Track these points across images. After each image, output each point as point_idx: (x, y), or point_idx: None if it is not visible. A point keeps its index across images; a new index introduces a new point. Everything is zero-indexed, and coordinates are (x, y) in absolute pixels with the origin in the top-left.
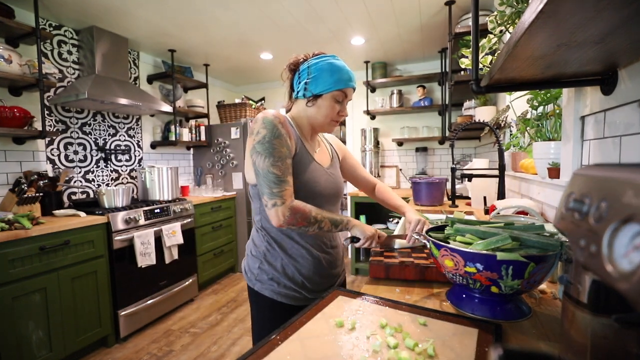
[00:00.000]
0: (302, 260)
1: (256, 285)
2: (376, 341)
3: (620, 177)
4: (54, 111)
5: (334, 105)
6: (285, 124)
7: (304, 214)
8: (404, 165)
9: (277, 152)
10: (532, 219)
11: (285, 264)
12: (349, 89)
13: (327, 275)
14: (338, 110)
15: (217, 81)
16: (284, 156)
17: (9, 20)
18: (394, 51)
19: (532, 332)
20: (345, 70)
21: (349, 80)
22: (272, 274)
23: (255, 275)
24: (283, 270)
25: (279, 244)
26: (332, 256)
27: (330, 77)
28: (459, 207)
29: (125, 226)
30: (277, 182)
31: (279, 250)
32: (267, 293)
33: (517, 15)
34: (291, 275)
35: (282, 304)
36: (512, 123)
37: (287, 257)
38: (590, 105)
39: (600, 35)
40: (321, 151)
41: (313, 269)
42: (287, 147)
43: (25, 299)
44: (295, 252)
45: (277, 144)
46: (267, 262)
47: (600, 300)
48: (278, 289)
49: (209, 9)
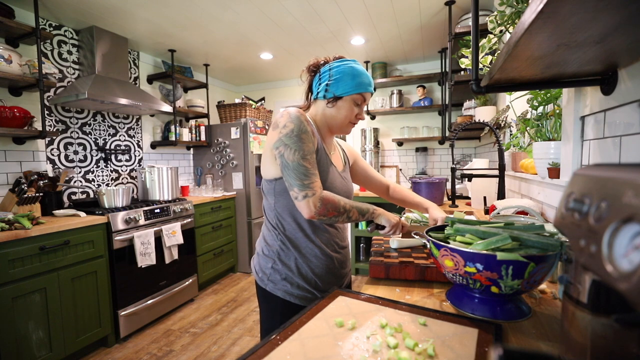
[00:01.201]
0: (316, 260)
1: (268, 285)
2: (376, 341)
3: (620, 177)
4: (54, 111)
5: (353, 108)
6: (309, 121)
7: (334, 203)
8: (404, 165)
9: (306, 146)
10: (532, 219)
11: (300, 263)
12: (367, 94)
13: (338, 275)
14: (356, 113)
15: (217, 81)
16: (311, 150)
17: (9, 20)
18: (394, 51)
19: (532, 332)
20: (365, 75)
21: (368, 85)
22: (286, 273)
23: (268, 276)
24: (297, 269)
25: (293, 242)
26: (343, 256)
27: (352, 81)
28: (459, 207)
29: (125, 226)
30: (308, 175)
31: (292, 250)
32: (279, 294)
33: (517, 15)
34: (305, 274)
35: (294, 305)
36: (512, 123)
37: (301, 256)
38: (590, 105)
39: (600, 35)
40: (335, 154)
41: (326, 268)
42: (312, 142)
43: (25, 299)
44: (309, 252)
45: (305, 138)
46: (281, 261)
47: (600, 300)
48: (291, 289)
49: (209, 9)
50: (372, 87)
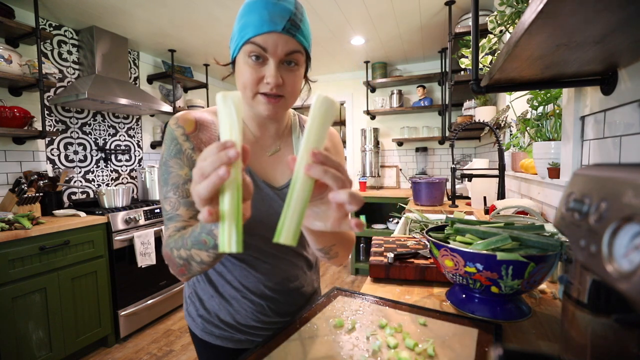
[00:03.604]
0: (237, 304)
1: (187, 318)
2: (376, 341)
3: (620, 177)
4: (54, 111)
5: (249, 70)
6: (198, 130)
7: (170, 259)
8: (404, 165)
9: (173, 177)
10: (532, 219)
11: (217, 302)
12: (267, 35)
13: (276, 322)
14: (260, 75)
15: (217, 81)
16: (181, 181)
17: (9, 20)
18: (394, 51)
19: (532, 332)
20: (258, 9)
21: (264, 21)
22: (202, 311)
23: (187, 306)
24: (214, 310)
25: (208, 278)
26: (282, 297)
27: (237, 25)
28: (459, 207)
29: (125, 226)
30: (167, 219)
31: (208, 286)
32: (197, 332)
33: (517, 15)
34: (224, 319)
35: (219, 348)
36: (512, 123)
37: (219, 296)
38: (590, 105)
39: (600, 35)
40: (281, 154)
41: (252, 316)
42: (191, 165)
43: (25, 299)
44: (228, 294)
45: (174, 165)
46: (197, 295)
47: (600, 300)
48: (209, 327)
49: (209, 9)
50: (276, 23)
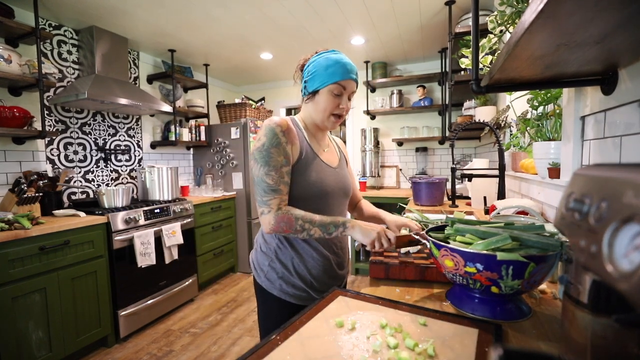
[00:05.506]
0: (312, 260)
1: (264, 282)
2: (376, 341)
3: (620, 177)
4: (54, 111)
5: (331, 100)
6: (289, 130)
7: (289, 222)
8: (404, 165)
9: (274, 160)
10: (532, 219)
11: (296, 262)
12: (347, 81)
13: (335, 277)
14: (337, 104)
15: (217, 81)
16: (279, 165)
17: (9, 20)
18: (394, 51)
19: (532, 332)
20: (341, 63)
21: (345, 72)
22: (283, 272)
23: (265, 273)
24: (294, 268)
25: (290, 242)
26: (340, 257)
27: (325, 71)
28: (459, 207)
29: (125, 226)
30: (268, 191)
31: (290, 249)
32: (275, 292)
33: (517, 15)
34: (301, 274)
35: (289, 304)
36: (512, 123)
37: (298, 255)
38: (590, 105)
39: (600, 35)
40: (330, 151)
41: (322, 269)
42: (285, 155)
43: (25, 299)
44: (306, 252)
45: (274, 152)
46: (279, 259)
47: (600, 300)
48: (287, 288)
49: (209, 9)
50: (351, 74)
